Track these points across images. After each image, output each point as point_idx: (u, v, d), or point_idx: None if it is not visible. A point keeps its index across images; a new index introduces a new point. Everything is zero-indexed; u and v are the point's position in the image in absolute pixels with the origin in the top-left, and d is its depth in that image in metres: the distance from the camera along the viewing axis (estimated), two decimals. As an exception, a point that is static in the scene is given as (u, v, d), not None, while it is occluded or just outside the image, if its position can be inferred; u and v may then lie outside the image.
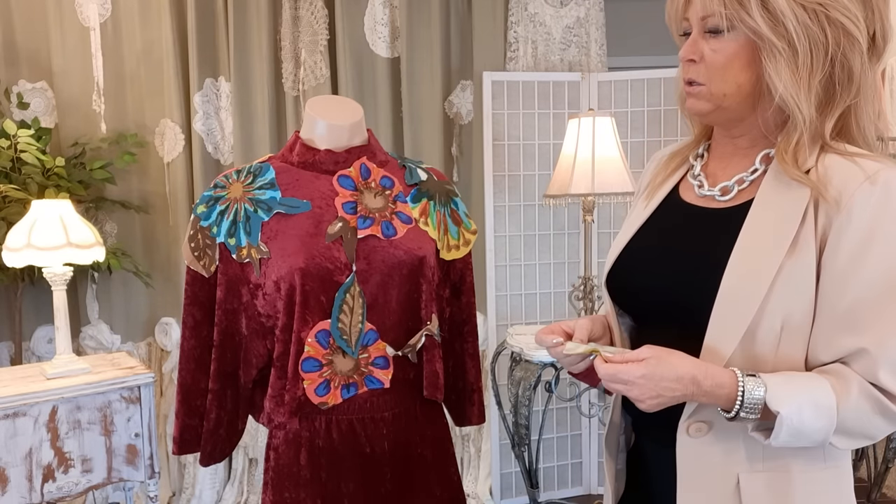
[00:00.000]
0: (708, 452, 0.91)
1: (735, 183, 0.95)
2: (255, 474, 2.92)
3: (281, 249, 1.15)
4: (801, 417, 0.83)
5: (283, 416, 1.17)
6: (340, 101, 1.30)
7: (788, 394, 0.84)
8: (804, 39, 0.88)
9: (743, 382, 0.85)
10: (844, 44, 0.89)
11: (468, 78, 2.94)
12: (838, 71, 0.90)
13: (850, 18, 0.88)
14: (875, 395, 0.84)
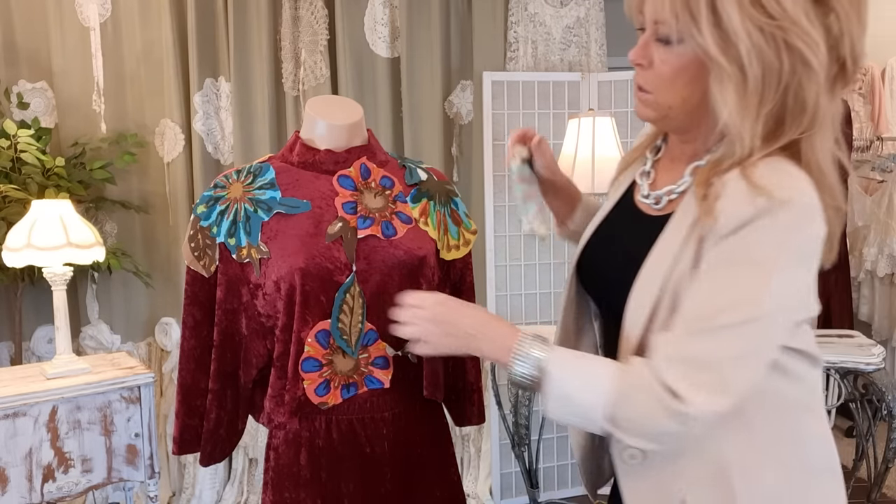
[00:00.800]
0: (649, 477, 0.92)
1: (665, 194, 0.95)
2: (255, 474, 2.92)
3: (281, 249, 1.15)
4: (570, 385, 0.86)
5: (283, 416, 1.17)
6: (340, 101, 1.30)
7: (566, 362, 0.88)
8: (756, 65, 0.81)
9: (523, 338, 0.90)
10: (801, 72, 0.82)
11: (468, 78, 2.94)
12: (791, 101, 0.83)
13: (810, 46, 0.80)
14: (660, 393, 0.81)
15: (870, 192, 3.89)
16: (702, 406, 0.80)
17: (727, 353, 0.81)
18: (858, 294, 3.80)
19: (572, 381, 0.86)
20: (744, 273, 0.81)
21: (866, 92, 4.32)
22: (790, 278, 0.82)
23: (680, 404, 0.80)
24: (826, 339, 2.31)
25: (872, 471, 2.30)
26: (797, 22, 0.79)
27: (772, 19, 0.79)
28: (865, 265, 3.71)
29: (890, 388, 2.09)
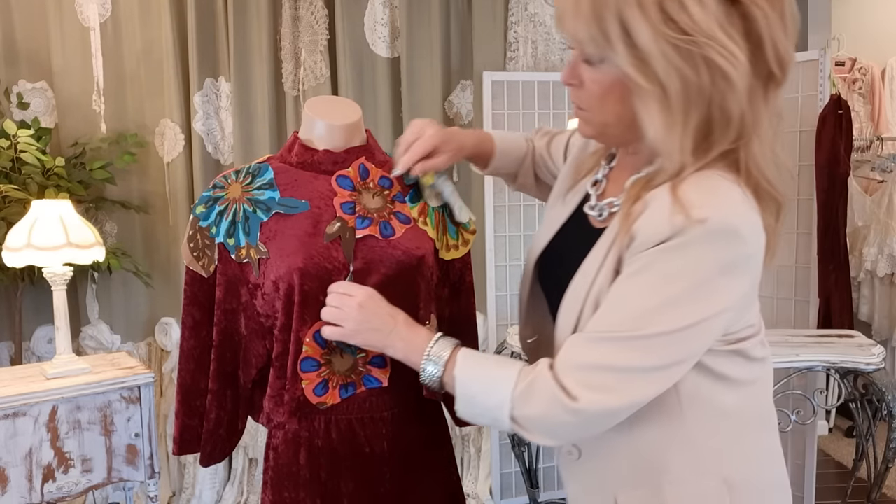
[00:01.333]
0: (586, 473, 0.97)
1: (606, 206, 0.96)
2: (255, 474, 2.92)
3: (280, 249, 1.15)
4: (474, 387, 0.91)
5: (282, 416, 1.17)
6: (339, 101, 1.30)
7: (471, 365, 0.92)
8: (676, 82, 0.80)
9: (437, 339, 0.96)
10: (722, 85, 0.80)
11: (468, 78, 2.94)
12: (716, 113, 0.82)
13: (728, 59, 0.79)
14: (555, 392, 0.84)
15: (870, 192, 3.89)
16: (591, 403, 0.83)
17: (623, 362, 0.83)
18: (858, 294, 3.80)
19: (477, 384, 0.91)
20: (651, 289, 0.83)
21: (866, 92, 4.32)
22: (702, 297, 0.82)
23: (571, 402, 0.83)
24: (826, 339, 2.31)
25: (872, 471, 2.30)
26: (712, 36, 0.78)
27: (685, 35, 0.78)
28: (865, 265, 3.71)
29: (890, 388, 2.09)
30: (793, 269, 2.63)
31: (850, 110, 2.75)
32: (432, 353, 0.95)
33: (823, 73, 2.51)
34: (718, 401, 0.91)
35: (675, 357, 0.84)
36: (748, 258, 0.83)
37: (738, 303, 0.85)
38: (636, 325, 0.82)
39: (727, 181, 0.84)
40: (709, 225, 0.79)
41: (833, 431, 3.81)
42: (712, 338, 0.86)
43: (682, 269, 0.81)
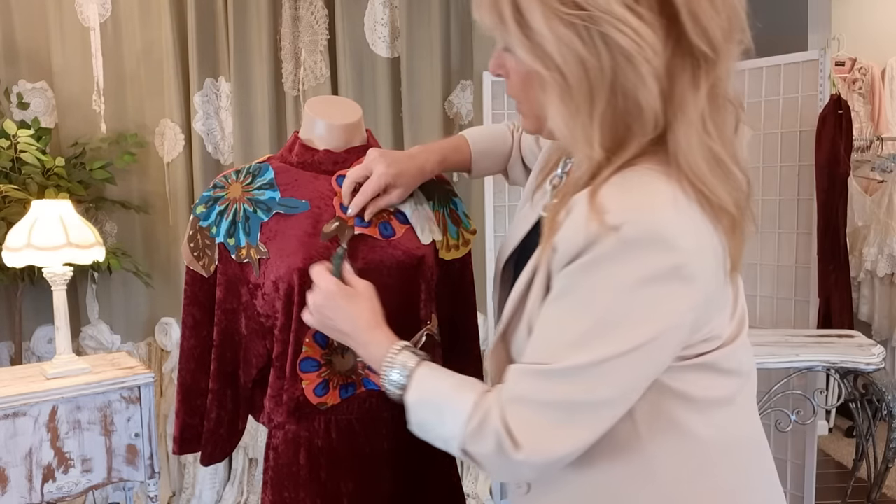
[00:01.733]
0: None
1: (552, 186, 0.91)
2: (255, 474, 2.92)
3: (280, 249, 1.15)
4: (427, 416, 0.85)
5: (281, 416, 1.17)
6: (339, 101, 1.30)
7: (427, 389, 0.85)
8: (574, 66, 0.71)
9: (396, 355, 0.89)
10: (625, 67, 0.71)
11: (468, 78, 2.94)
12: (623, 101, 0.73)
13: (629, 36, 0.69)
14: (501, 437, 0.76)
15: (870, 192, 3.89)
16: (533, 453, 0.76)
17: (561, 397, 0.75)
18: (858, 294, 3.80)
19: (427, 411, 0.85)
20: (574, 315, 0.74)
21: (866, 92, 4.32)
22: (631, 319, 0.73)
23: (515, 452, 0.76)
24: (826, 339, 2.31)
25: (872, 471, 2.30)
26: (609, 10, 0.69)
27: (580, 10, 0.69)
28: (865, 265, 3.71)
29: (890, 388, 2.09)
30: (793, 269, 2.63)
31: (850, 110, 2.75)
32: (393, 375, 0.88)
33: (823, 73, 2.51)
34: (685, 426, 0.80)
35: (616, 388, 0.75)
36: (680, 268, 0.71)
37: (684, 319, 0.74)
38: (566, 356, 0.74)
39: (656, 178, 0.74)
40: (623, 233, 0.70)
41: (833, 431, 3.81)
42: (662, 360, 0.76)
43: (600, 289, 0.72)
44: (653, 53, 0.70)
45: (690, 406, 0.80)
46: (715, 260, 0.75)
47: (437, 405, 0.84)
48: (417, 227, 1.21)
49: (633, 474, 0.81)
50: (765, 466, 0.87)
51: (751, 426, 0.87)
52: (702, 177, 0.73)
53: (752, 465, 0.85)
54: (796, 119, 2.59)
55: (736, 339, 0.82)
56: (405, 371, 0.88)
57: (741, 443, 0.85)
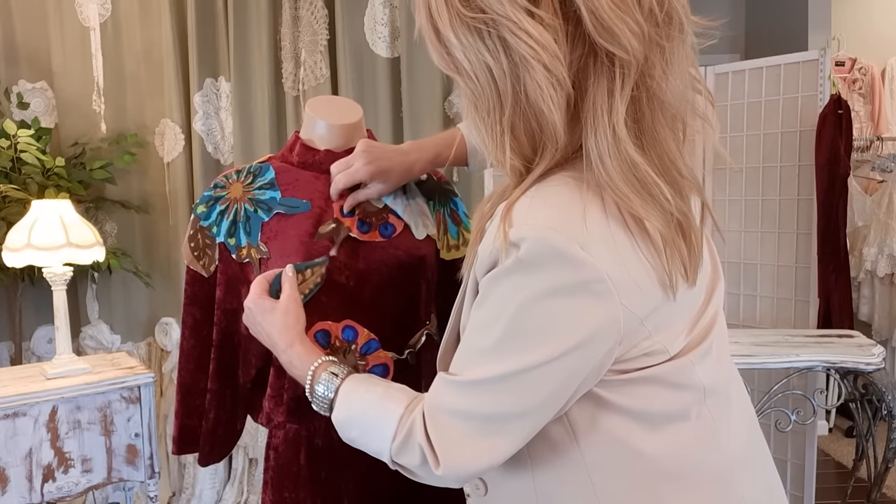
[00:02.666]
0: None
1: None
2: (255, 474, 2.92)
3: (280, 249, 1.15)
4: (354, 434, 0.85)
5: (282, 416, 1.17)
6: (340, 101, 1.30)
7: (352, 405, 0.86)
8: (481, 71, 0.70)
9: (314, 374, 0.90)
10: (526, 75, 0.68)
11: (468, 78, 2.94)
12: (527, 108, 0.70)
13: (526, 42, 0.67)
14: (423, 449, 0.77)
15: (870, 192, 3.89)
16: (451, 469, 0.76)
17: (476, 408, 0.74)
18: (858, 294, 3.81)
19: (355, 427, 0.86)
20: (484, 327, 0.74)
21: (866, 92, 4.32)
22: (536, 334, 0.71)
23: (435, 467, 0.76)
24: (826, 339, 2.31)
25: (872, 471, 2.30)
26: (505, 14, 0.67)
27: (482, 13, 0.68)
28: (865, 265, 3.71)
29: (890, 388, 2.09)
30: (793, 269, 2.63)
31: (850, 110, 2.75)
32: (318, 390, 0.89)
33: (823, 73, 2.51)
34: (625, 439, 0.77)
35: (528, 400, 0.73)
36: (588, 282, 0.68)
37: (602, 334, 0.71)
38: (477, 368, 0.74)
39: (570, 190, 0.71)
40: (523, 249, 0.68)
41: (833, 431, 3.81)
42: (582, 373, 0.73)
43: (506, 301, 0.71)
44: (551, 58, 0.67)
45: (631, 419, 0.77)
46: (641, 274, 0.71)
47: (363, 423, 0.84)
48: (411, 222, 1.21)
49: (576, 484, 0.79)
50: (730, 500, 0.80)
51: (714, 452, 0.80)
52: (616, 188, 0.69)
53: (709, 497, 0.79)
54: (796, 119, 2.59)
55: (691, 351, 0.78)
56: (331, 385, 0.89)
57: (699, 468, 0.79)
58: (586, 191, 0.70)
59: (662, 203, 0.70)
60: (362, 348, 1.17)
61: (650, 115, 0.70)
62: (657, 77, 0.70)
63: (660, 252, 0.71)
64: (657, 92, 0.70)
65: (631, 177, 0.69)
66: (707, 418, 0.79)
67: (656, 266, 0.71)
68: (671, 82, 0.71)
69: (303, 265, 1.10)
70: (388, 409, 0.82)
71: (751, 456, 0.84)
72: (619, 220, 0.70)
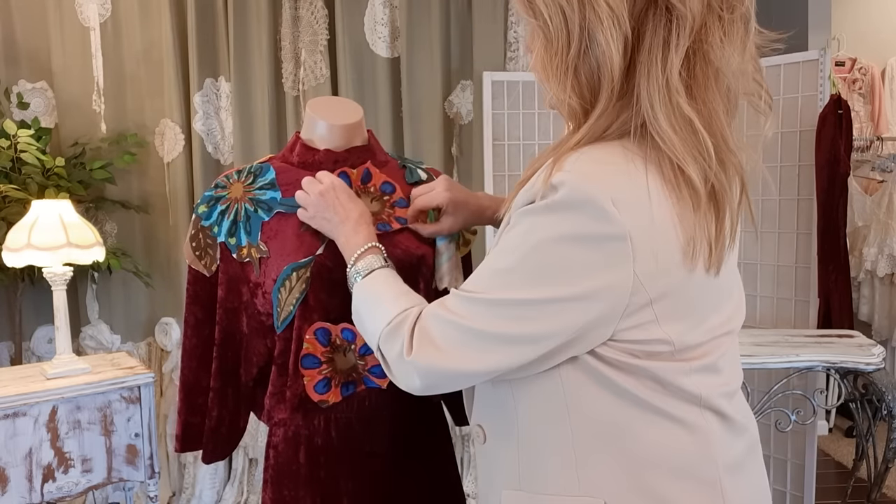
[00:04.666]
0: (487, 461, 0.93)
1: None
2: (255, 474, 2.92)
3: (280, 248, 1.15)
4: (363, 305, 0.93)
5: (283, 413, 1.18)
6: (340, 101, 1.30)
7: (376, 284, 0.94)
8: (555, 14, 0.75)
9: (366, 248, 0.98)
10: (592, 16, 0.74)
11: (468, 78, 2.94)
12: (590, 48, 0.75)
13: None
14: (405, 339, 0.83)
15: (870, 192, 3.89)
16: (420, 358, 0.81)
17: (465, 322, 0.79)
18: (858, 294, 3.81)
19: (365, 305, 0.93)
20: (503, 253, 0.79)
21: (866, 92, 4.32)
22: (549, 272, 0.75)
23: (409, 355, 0.82)
24: (826, 339, 2.31)
25: (872, 471, 2.30)
26: None
27: None
28: (865, 265, 3.71)
29: (890, 388, 2.09)
30: (793, 269, 2.63)
31: (850, 110, 2.75)
32: (356, 267, 0.97)
33: (823, 73, 2.52)
34: (616, 419, 0.79)
35: (516, 332, 0.77)
36: (609, 239, 0.72)
37: (614, 289, 0.73)
38: (484, 287, 0.79)
39: (623, 155, 0.75)
40: (560, 193, 0.73)
41: (833, 431, 3.81)
42: (574, 328, 0.75)
43: (530, 236, 0.75)
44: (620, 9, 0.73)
45: (627, 402, 0.79)
46: (665, 240, 0.74)
47: (375, 299, 0.92)
48: (439, 271, 1.20)
49: (558, 447, 0.82)
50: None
51: (705, 459, 0.81)
52: (662, 131, 0.73)
53: (695, 495, 0.81)
54: (796, 119, 2.59)
55: (696, 360, 0.80)
56: (378, 262, 0.97)
57: (686, 468, 0.81)
58: (633, 156, 0.75)
59: (704, 156, 0.74)
60: (361, 349, 1.17)
61: (703, 78, 0.75)
62: (714, 45, 0.74)
63: (691, 216, 0.74)
64: (713, 59, 0.74)
65: (677, 123, 0.73)
66: (703, 428, 0.81)
67: (686, 229, 0.74)
68: (727, 54, 0.74)
69: (289, 268, 1.12)
70: (397, 302, 0.89)
71: (742, 470, 0.85)
72: (658, 180, 0.74)
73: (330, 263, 1.15)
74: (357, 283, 0.97)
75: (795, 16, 3.54)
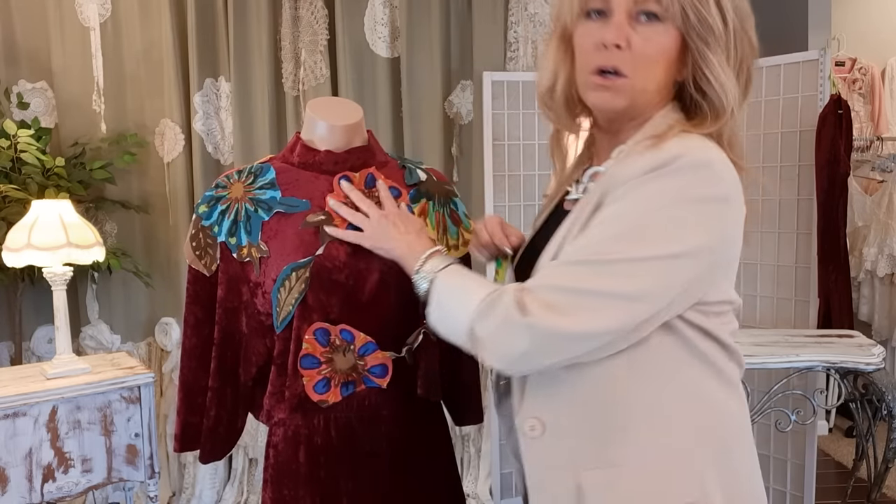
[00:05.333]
0: (549, 452, 0.91)
1: (589, 175, 0.98)
2: (255, 474, 2.92)
3: (280, 248, 1.15)
4: (446, 297, 0.91)
5: (282, 413, 1.18)
6: (341, 101, 1.30)
7: (452, 277, 0.93)
8: (735, 30, 0.87)
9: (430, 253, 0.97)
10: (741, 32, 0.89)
11: (468, 78, 2.94)
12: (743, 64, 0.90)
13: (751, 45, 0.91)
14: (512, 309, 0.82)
15: (870, 192, 3.89)
16: (541, 319, 0.80)
17: (583, 284, 0.80)
18: (858, 294, 3.80)
19: (450, 294, 0.91)
20: (620, 217, 0.82)
21: (866, 92, 4.32)
22: (671, 228, 0.80)
23: (522, 316, 0.80)
24: (826, 339, 2.31)
25: (872, 471, 2.30)
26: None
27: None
28: (865, 265, 3.71)
29: (890, 388, 2.09)
30: (793, 268, 2.63)
31: (850, 110, 2.75)
32: (424, 269, 0.96)
33: (823, 73, 2.52)
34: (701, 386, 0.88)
35: (636, 288, 0.79)
36: (723, 199, 0.82)
37: (716, 250, 0.83)
38: (601, 250, 0.81)
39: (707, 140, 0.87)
40: (683, 159, 0.81)
41: (833, 431, 3.81)
42: (682, 285, 0.82)
43: (652, 197, 0.80)
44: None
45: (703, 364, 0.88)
46: (742, 209, 0.86)
47: (461, 287, 0.91)
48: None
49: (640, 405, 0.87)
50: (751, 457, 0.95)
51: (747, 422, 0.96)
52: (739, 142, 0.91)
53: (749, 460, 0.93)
54: (796, 119, 2.59)
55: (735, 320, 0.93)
56: (442, 263, 0.96)
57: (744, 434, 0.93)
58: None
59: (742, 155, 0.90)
60: (360, 350, 1.17)
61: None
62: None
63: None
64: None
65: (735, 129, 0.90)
66: (742, 394, 0.94)
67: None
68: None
69: (289, 268, 1.11)
70: (484, 285, 0.89)
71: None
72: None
73: (329, 264, 1.15)
74: (436, 279, 0.94)
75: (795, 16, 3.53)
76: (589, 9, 0.87)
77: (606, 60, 0.85)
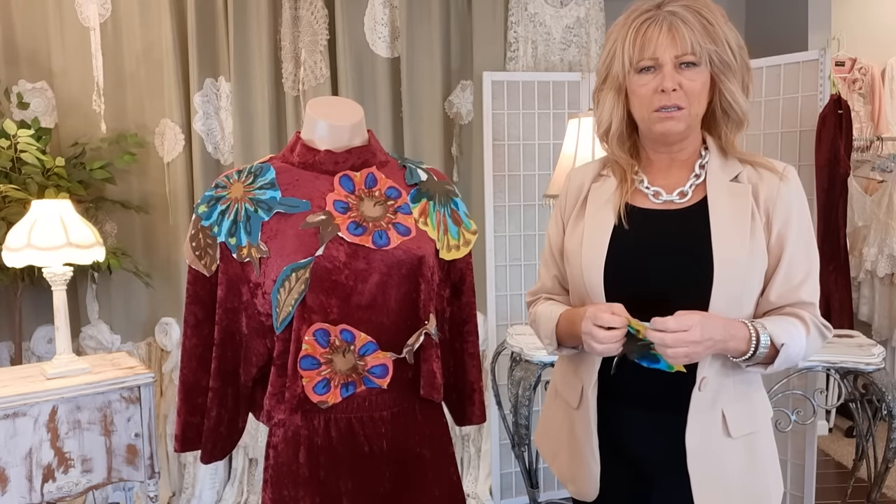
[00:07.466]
0: (704, 400, 1.16)
1: (690, 188, 1.19)
2: (255, 474, 2.92)
3: (280, 249, 1.15)
4: (793, 348, 1.13)
5: (282, 413, 1.18)
6: (341, 101, 1.30)
7: (782, 331, 1.12)
8: (741, 61, 1.16)
9: (754, 329, 1.11)
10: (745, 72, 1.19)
11: (468, 78, 2.94)
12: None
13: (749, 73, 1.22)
14: (822, 327, 1.18)
15: (870, 192, 3.89)
16: (830, 330, 1.21)
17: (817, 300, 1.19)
18: (858, 294, 3.80)
19: (792, 346, 1.13)
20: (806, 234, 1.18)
21: (866, 92, 4.32)
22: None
23: (829, 332, 1.20)
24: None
25: (872, 471, 2.30)
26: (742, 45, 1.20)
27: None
28: (865, 265, 3.71)
29: (890, 388, 2.09)
30: (793, 269, 2.62)
31: (850, 110, 2.75)
32: (761, 344, 1.11)
33: (823, 73, 2.52)
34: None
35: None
36: None
37: None
38: (812, 265, 1.18)
39: None
40: (791, 173, 1.19)
41: (833, 431, 3.81)
42: None
43: (804, 210, 1.18)
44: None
45: None
46: None
47: (795, 339, 1.14)
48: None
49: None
50: None
51: None
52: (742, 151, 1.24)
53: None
54: (796, 119, 2.59)
55: None
56: (766, 338, 1.12)
57: None
58: None
59: None
60: (360, 350, 1.17)
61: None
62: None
63: None
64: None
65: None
66: None
67: None
68: None
69: (288, 269, 1.11)
70: (796, 326, 1.15)
71: None
72: None
73: (329, 264, 1.15)
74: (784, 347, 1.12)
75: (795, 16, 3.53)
76: (641, 67, 1.13)
77: (668, 100, 1.13)
